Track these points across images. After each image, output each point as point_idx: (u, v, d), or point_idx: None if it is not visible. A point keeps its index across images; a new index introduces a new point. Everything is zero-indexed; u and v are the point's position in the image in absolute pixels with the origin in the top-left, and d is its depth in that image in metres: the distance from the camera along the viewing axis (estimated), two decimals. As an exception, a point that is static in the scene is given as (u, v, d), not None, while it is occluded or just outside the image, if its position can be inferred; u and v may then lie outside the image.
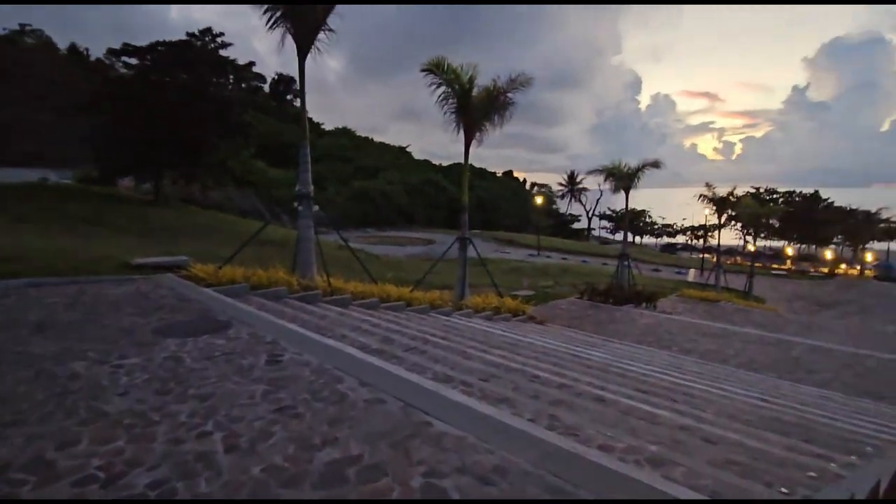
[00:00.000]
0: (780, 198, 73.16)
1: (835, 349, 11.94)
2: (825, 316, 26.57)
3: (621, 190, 17.29)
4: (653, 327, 13.32)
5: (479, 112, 10.70)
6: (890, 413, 7.37)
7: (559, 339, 9.80)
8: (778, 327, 16.32)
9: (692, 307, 19.00)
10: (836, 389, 9.04)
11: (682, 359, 9.84)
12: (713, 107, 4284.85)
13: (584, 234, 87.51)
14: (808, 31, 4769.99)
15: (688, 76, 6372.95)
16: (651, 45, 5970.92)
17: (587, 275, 26.95)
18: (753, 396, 6.62)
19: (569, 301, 16.24)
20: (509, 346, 7.41)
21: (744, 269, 36.42)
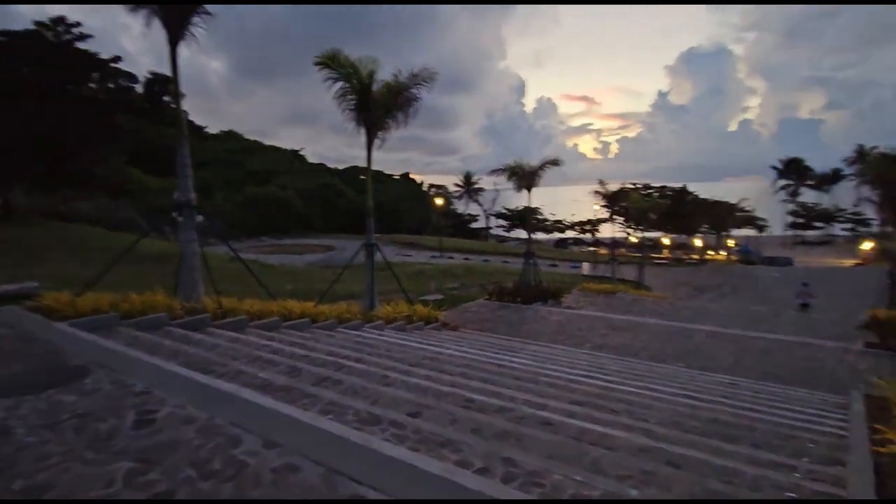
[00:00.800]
0: (656, 193, 79.28)
1: (727, 333, 12.56)
2: (704, 299, 28.69)
3: (524, 188, 17.29)
4: (563, 324, 13.30)
5: (382, 109, 9.91)
6: (794, 395, 7.62)
7: (478, 346, 9.29)
8: (672, 315, 17.12)
9: (593, 300, 19.52)
10: (739, 374, 9.34)
11: (599, 356, 9.73)
12: (591, 109, 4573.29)
13: (483, 233, 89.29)
14: (669, 42, 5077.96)
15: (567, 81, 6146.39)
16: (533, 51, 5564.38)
17: (491, 274, 27.04)
18: (680, 394, 6.49)
19: (479, 303, 15.91)
20: (431, 363, 6.74)
21: (632, 261, 38.66)
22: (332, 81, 9.78)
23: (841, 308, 23.98)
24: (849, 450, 4.35)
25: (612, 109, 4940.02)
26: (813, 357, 10.45)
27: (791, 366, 9.91)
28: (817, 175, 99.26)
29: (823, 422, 5.67)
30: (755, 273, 43.35)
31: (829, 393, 8.27)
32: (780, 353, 10.75)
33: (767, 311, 19.14)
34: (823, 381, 9.04)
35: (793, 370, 9.64)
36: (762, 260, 62.81)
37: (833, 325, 15.93)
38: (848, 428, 5.33)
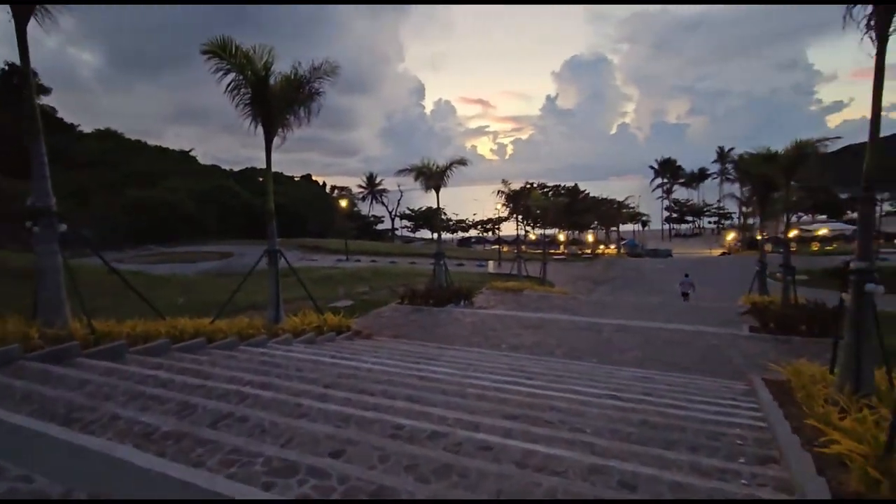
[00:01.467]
0: (550, 191, 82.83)
1: (632, 326, 12.96)
2: (602, 292, 30.14)
3: (432, 189, 16.89)
4: (478, 325, 13.06)
5: (281, 104, 8.98)
6: (704, 385, 7.82)
7: (396, 355, 8.71)
8: (578, 309, 17.55)
9: (503, 298, 19.59)
10: (649, 366, 9.55)
11: (518, 358, 9.52)
12: (487, 112, 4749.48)
13: (389, 234, 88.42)
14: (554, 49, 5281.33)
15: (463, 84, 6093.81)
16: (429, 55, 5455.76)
17: (401, 276, 26.50)
18: (605, 395, 6.34)
19: (391, 307, 15.29)
20: (348, 381, 6.07)
21: (534, 257, 39.81)
22: (222, 73, 8.70)
23: (718, 295, 26.14)
24: (775, 445, 4.32)
25: (507, 112, 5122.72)
26: (709, 344, 10.98)
27: (692, 354, 10.31)
28: (687, 174, 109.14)
29: (740, 413, 5.74)
30: (643, 265, 46.46)
31: (731, 380, 8.62)
32: (680, 343, 11.19)
33: (661, 302, 20.28)
34: (723, 367, 9.46)
35: (694, 358, 10.02)
36: (647, 252, 67.72)
37: (718, 312, 17.11)
38: (764, 418, 5.41)
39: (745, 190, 23.22)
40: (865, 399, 5.50)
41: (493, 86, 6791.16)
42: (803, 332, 10.94)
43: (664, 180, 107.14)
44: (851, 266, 5.85)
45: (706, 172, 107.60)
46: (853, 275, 5.81)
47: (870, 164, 5.68)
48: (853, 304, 5.81)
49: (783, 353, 10.13)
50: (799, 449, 3.82)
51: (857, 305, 5.78)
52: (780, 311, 11.77)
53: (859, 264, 5.76)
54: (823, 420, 4.44)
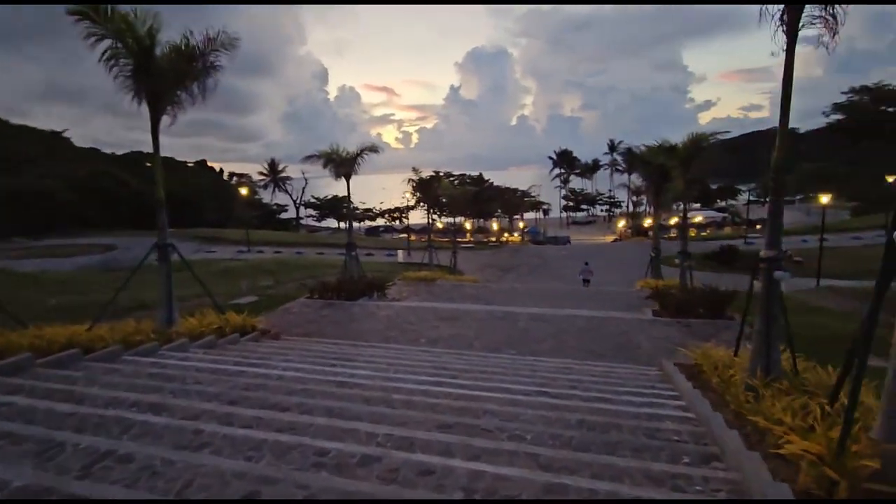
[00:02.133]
0: (456, 180, 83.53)
1: (545, 315, 13.06)
2: (510, 279, 30.73)
3: (342, 176, 15.99)
4: (394, 319, 12.52)
5: (170, 78, 7.77)
6: (624, 373, 7.89)
7: (309, 358, 7.97)
8: (491, 298, 17.56)
9: (416, 289, 19.19)
10: (568, 355, 9.57)
11: (439, 354, 9.13)
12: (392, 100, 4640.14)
13: (294, 223, 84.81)
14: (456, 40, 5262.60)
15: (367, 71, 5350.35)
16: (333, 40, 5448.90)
17: (309, 268, 25.24)
18: (534, 391, 6.11)
19: (300, 302, 14.31)
20: (256, 394, 5.33)
21: (444, 246, 39.83)
22: (95, 39, 7.35)
23: (616, 279, 27.58)
24: (712, 439, 4.25)
25: (411, 101, 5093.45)
26: (619, 330, 11.27)
27: (605, 340, 10.50)
28: (582, 165, 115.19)
29: (665, 403, 5.73)
30: (545, 252, 48.18)
31: (644, 365, 8.82)
32: (592, 330, 11.40)
33: (568, 289, 20.89)
34: (634, 352, 9.70)
35: (607, 345, 10.20)
36: (547, 239, 70.52)
37: (621, 296, 17.90)
38: (689, 408, 5.42)
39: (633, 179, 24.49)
40: (777, 383, 5.70)
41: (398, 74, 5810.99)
42: (701, 314, 11.57)
43: (562, 170, 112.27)
44: (761, 255, 6.01)
45: (599, 163, 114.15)
46: (763, 263, 5.98)
47: (779, 157, 5.84)
48: (763, 291, 5.98)
49: (685, 336, 10.63)
50: (741, 446, 3.71)
51: (767, 292, 5.95)
52: (679, 295, 12.39)
53: (768, 253, 5.92)
54: (761, 414, 4.43)
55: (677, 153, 13.91)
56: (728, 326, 11.14)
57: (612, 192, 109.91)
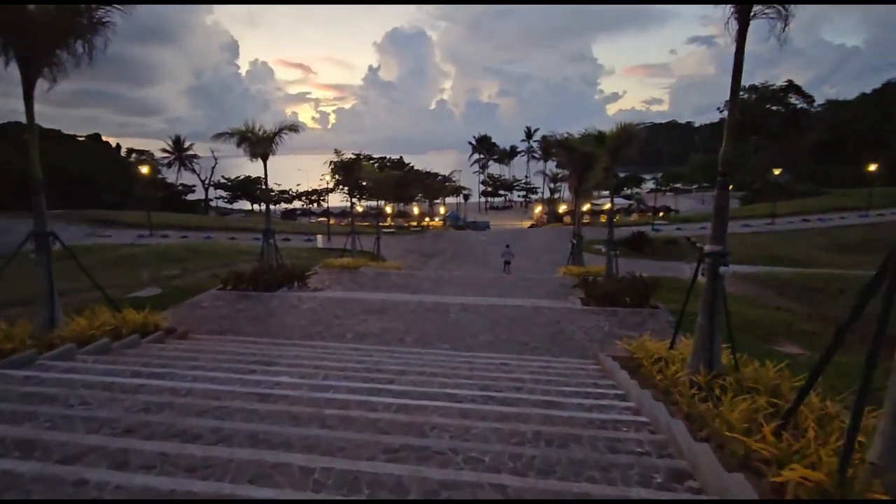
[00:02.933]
0: (377, 163, 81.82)
1: (476, 305, 12.73)
2: (434, 265, 30.35)
3: (258, 157, 14.66)
4: (318, 312, 11.66)
5: (48, 34, 6.38)
6: (564, 369, 7.67)
7: (223, 362, 7.04)
8: (417, 287, 17.04)
9: (339, 277, 18.26)
10: (502, 349, 9.27)
11: (370, 353, 8.48)
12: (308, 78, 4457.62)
13: (202, 205, 79.30)
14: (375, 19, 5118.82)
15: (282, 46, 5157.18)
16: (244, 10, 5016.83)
17: (220, 254, 23.39)
18: (478, 395, 5.68)
19: (211, 294, 13.00)
20: (160, 418, 4.47)
21: (364, 231, 38.71)
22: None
23: (537, 265, 28.02)
24: (677, 450, 4.00)
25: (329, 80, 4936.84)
26: (551, 320, 11.15)
27: (538, 332, 10.32)
28: (500, 150, 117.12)
29: (614, 405, 5.50)
30: (467, 237, 48.35)
31: (580, 358, 8.69)
32: (524, 320, 11.20)
33: (494, 276, 20.79)
34: (567, 344, 9.57)
35: (541, 336, 10.02)
36: (468, 225, 71.01)
37: (546, 283, 18.01)
38: (640, 409, 5.21)
39: (551, 167, 24.81)
40: (720, 379, 5.64)
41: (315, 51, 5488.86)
42: (627, 303, 11.73)
43: (481, 156, 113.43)
44: (706, 249, 5.91)
45: (516, 150, 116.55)
46: (707, 258, 5.89)
47: (727, 149, 5.73)
48: (708, 286, 5.90)
49: (614, 325, 10.70)
50: (716, 463, 3.44)
51: (711, 288, 5.87)
52: (606, 285, 12.51)
53: (713, 248, 5.83)
54: (722, 420, 4.23)
55: (606, 142, 14.03)
56: (653, 315, 11.36)
57: (528, 179, 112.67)
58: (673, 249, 35.66)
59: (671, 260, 31.64)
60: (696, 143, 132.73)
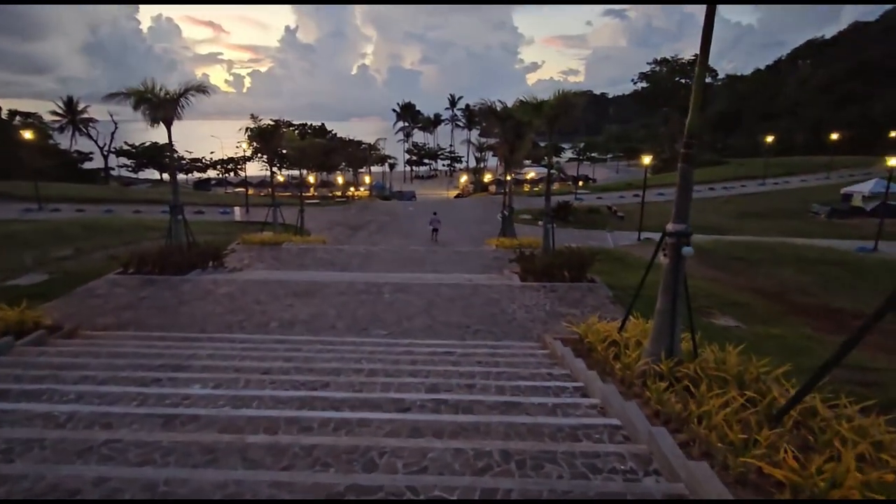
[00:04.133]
0: (297, 130, 77.75)
1: (410, 284, 11.97)
2: (361, 238, 29.13)
3: (160, 121, 12.80)
4: (237, 298, 10.43)
5: None
6: (511, 356, 7.14)
7: (119, 369, 5.85)
8: (345, 263, 16.01)
9: (260, 254, 16.80)
10: (442, 333, 8.64)
11: (298, 346, 7.52)
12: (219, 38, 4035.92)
13: (102, 175, 71.97)
14: None
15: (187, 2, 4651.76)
16: None
17: (123, 231, 20.92)
18: (428, 399, 4.97)
19: (109, 280, 11.31)
20: (21, 471, 3.39)
21: (285, 202, 36.55)
22: None
23: (466, 236, 27.62)
24: (668, 467, 3.51)
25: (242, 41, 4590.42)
26: (489, 299, 10.64)
27: (478, 312, 9.78)
28: (424, 118, 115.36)
29: (577, 401, 5.00)
30: (394, 208, 47.14)
31: (524, 340, 8.23)
32: (462, 299, 10.62)
33: (423, 250, 20.04)
34: (510, 325, 9.10)
35: (482, 317, 9.48)
36: (394, 195, 69.57)
37: (479, 257, 17.57)
38: (604, 407, 4.73)
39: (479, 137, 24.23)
40: (683, 367, 5.28)
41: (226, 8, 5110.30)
42: (565, 277, 11.44)
43: (405, 124, 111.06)
44: (668, 228, 5.46)
45: (440, 118, 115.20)
46: (670, 237, 5.44)
47: (693, 118, 5.24)
48: (670, 268, 5.46)
49: (555, 303, 10.35)
50: (725, 492, 2.94)
51: (674, 269, 5.45)
52: (544, 258, 12.15)
53: (677, 227, 5.38)
54: (711, 430, 3.76)
55: (544, 110, 13.49)
56: (591, 290, 11.14)
57: (453, 148, 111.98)
58: (596, 218, 36.55)
59: (594, 229, 32.41)
60: (611, 114, 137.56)
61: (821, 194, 43.87)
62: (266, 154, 26.76)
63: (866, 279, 13.25)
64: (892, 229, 26.30)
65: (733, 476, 3.33)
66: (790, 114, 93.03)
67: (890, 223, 25.93)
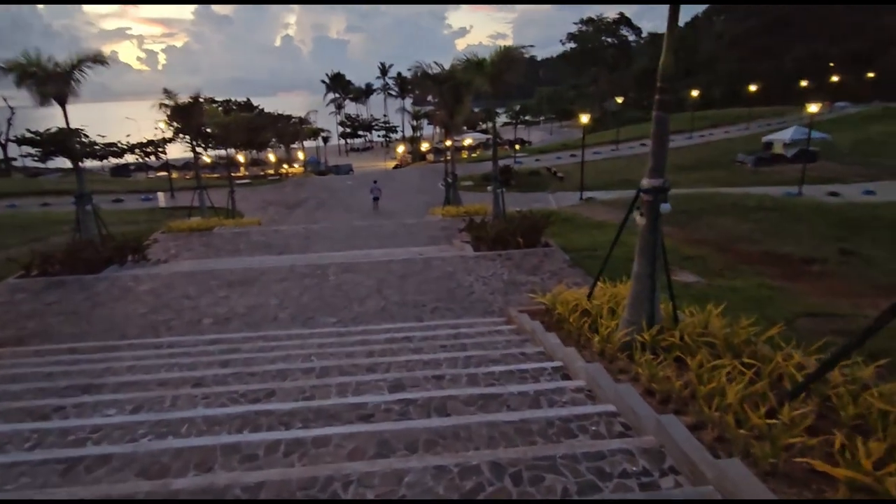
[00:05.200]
0: (221, 106, 73.09)
1: (357, 264, 11.11)
2: (298, 216, 27.64)
3: (51, 99, 11.03)
4: (162, 294, 9.23)
5: None
6: (476, 336, 6.54)
7: (15, 398, 4.78)
8: (286, 245, 14.85)
9: (187, 242, 15.30)
10: (397, 315, 7.93)
11: (236, 344, 6.59)
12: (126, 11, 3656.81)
13: (2, 167, 65.05)
14: None
15: None
16: None
17: (29, 228, 18.62)
18: (395, 402, 4.29)
19: (9, 285, 9.74)
20: None
21: (214, 184, 34.14)
22: None
23: (410, 207, 26.75)
24: (682, 465, 3.00)
25: (153, 14, 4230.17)
26: (444, 272, 9.98)
27: (433, 288, 9.11)
28: (356, 89, 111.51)
29: (560, 385, 4.45)
30: (331, 183, 45.33)
31: (487, 315, 7.66)
32: (416, 274, 9.91)
33: (366, 224, 19.06)
34: (469, 299, 8.49)
35: (438, 293, 8.82)
36: (329, 169, 67.10)
37: (426, 227, 16.81)
38: (592, 391, 4.21)
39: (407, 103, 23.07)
40: (668, 336, 4.85)
41: None
42: (519, 244, 10.92)
43: (336, 95, 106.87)
44: (644, 184, 4.94)
45: (372, 88, 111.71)
46: (646, 194, 4.92)
47: (666, 60, 4.66)
48: (648, 228, 4.98)
49: (513, 271, 9.83)
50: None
51: (652, 229, 4.96)
52: (498, 225, 11.55)
53: (653, 182, 4.87)
54: (726, 416, 3.25)
55: (486, 68, 12.68)
56: (547, 255, 10.70)
57: (387, 118, 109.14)
58: (537, 180, 36.48)
59: (537, 191, 32.29)
60: (541, 77, 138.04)
61: (744, 144, 45.76)
62: (188, 134, 24.48)
63: (802, 222, 13.64)
64: (812, 174, 27.68)
65: (762, 469, 2.85)
66: (708, 69, 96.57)
67: (809, 168, 27.24)
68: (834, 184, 27.47)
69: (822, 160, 34.00)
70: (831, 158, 35.10)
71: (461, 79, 14.51)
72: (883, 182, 27.63)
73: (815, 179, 27.30)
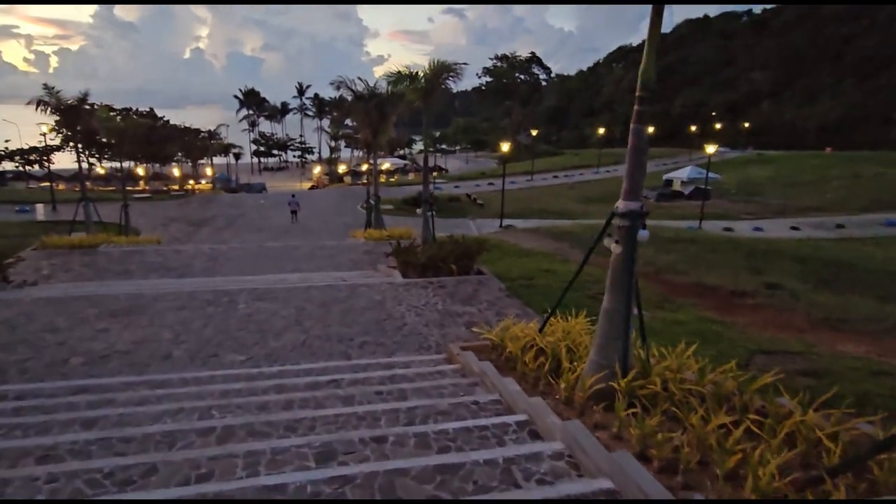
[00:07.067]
0: (120, 115, 66.99)
1: (271, 287, 9.76)
2: (204, 235, 25.20)
3: None
4: (18, 327, 7.34)
5: None
6: (416, 380, 5.57)
7: None
8: (187, 268, 12.98)
9: (66, 262, 12.95)
10: (320, 352, 6.74)
11: (108, 396, 5.09)
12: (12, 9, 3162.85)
13: None
14: None
15: None
16: None
17: None
18: (325, 480, 3.20)
19: None
20: None
21: (108, 197, 30.48)
22: None
23: (330, 230, 25.28)
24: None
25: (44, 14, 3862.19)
26: (372, 301, 8.91)
27: (361, 319, 7.99)
28: (271, 107, 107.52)
29: (535, 449, 3.60)
30: (242, 201, 42.41)
31: (424, 351, 6.70)
32: (338, 304, 8.74)
33: (279, 246, 17.44)
34: (401, 332, 7.47)
35: (367, 325, 7.73)
36: (241, 187, 63.34)
37: (347, 251, 15.61)
38: (575, 457, 3.39)
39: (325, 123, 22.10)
40: (646, 383, 4.18)
41: None
42: (453, 271, 10.11)
43: (250, 112, 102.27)
44: (619, 208, 4.30)
45: (288, 107, 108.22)
46: (623, 218, 4.28)
47: (647, 65, 4.09)
48: (622, 257, 4.32)
49: (448, 301, 8.97)
50: None
51: (627, 259, 4.31)
52: (429, 251, 10.67)
53: (630, 205, 4.24)
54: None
55: (419, 81, 11.92)
56: (482, 283, 9.97)
57: (303, 138, 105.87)
58: (457, 206, 36.31)
59: (457, 217, 32.01)
60: (457, 107, 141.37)
61: (645, 180, 48.85)
62: (74, 140, 21.49)
63: (717, 253, 14.15)
64: (707, 210, 29.72)
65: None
66: (608, 110, 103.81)
67: (705, 204, 29.24)
68: (726, 220, 29.69)
69: (714, 198, 36.92)
70: (721, 196, 38.23)
71: (389, 93, 13.69)
72: (766, 219, 30.28)
73: (710, 215, 29.32)
